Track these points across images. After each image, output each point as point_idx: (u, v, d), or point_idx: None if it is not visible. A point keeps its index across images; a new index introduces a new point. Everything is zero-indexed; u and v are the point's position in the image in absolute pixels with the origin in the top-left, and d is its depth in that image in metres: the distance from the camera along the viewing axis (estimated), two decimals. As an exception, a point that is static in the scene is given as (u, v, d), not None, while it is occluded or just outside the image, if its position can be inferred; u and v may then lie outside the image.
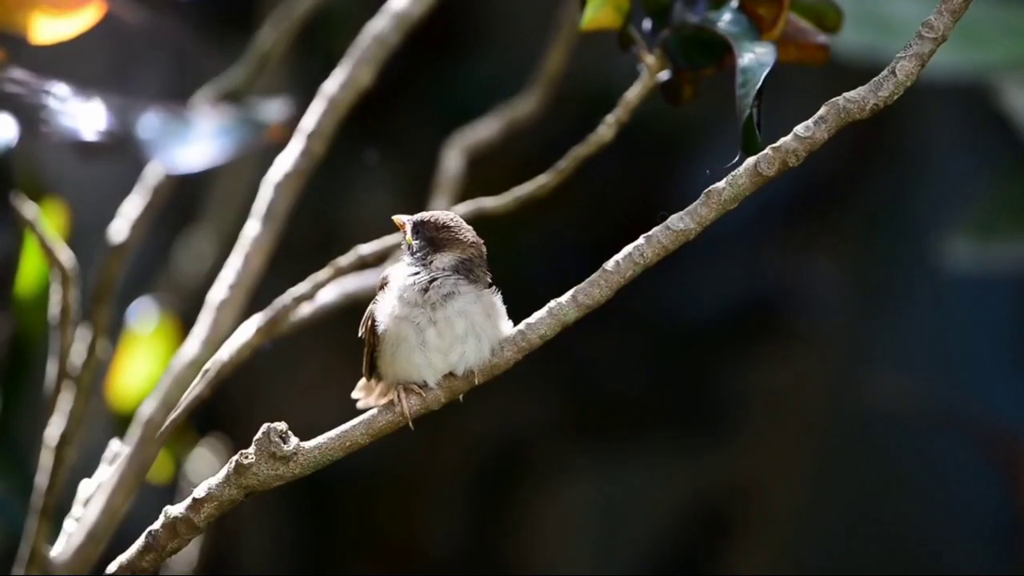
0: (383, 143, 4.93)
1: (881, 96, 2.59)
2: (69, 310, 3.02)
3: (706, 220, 2.61)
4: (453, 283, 2.67)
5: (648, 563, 4.97)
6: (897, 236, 5.01)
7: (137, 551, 2.66)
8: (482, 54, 4.97)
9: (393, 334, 2.67)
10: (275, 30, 3.48)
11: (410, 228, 2.73)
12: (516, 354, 2.66)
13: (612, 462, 4.99)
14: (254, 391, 4.86)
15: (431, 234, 2.70)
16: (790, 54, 2.87)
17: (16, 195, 2.80)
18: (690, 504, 4.96)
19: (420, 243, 2.70)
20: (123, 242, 3.10)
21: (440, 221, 2.72)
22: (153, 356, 3.65)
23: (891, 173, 5.02)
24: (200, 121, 2.75)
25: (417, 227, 2.72)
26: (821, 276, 5.00)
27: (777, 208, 4.99)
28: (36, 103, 2.67)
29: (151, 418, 2.94)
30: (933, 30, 2.60)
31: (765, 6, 2.84)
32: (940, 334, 4.99)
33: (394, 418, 2.66)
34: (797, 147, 2.59)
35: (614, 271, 2.63)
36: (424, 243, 2.70)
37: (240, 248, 3.09)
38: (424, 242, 2.70)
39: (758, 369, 4.98)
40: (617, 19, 2.87)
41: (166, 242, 4.57)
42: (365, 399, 2.81)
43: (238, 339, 3.00)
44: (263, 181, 3.13)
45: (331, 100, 3.16)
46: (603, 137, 2.98)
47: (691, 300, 4.98)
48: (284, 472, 2.63)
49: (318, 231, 4.84)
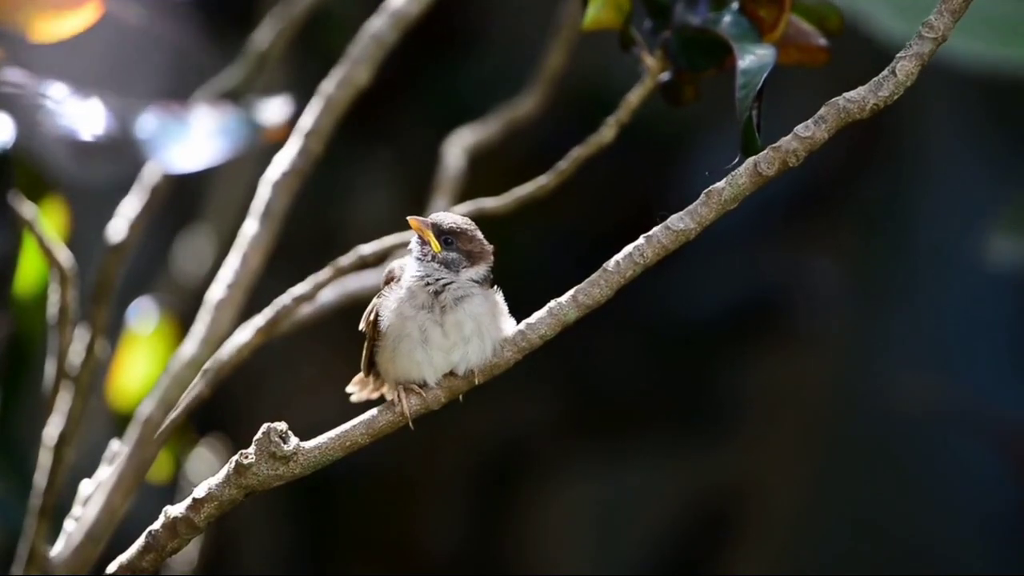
0: (383, 143, 4.93)
1: (881, 96, 2.59)
2: (68, 310, 3.02)
3: (706, 220, 2.61)
4: (468, 287, 2.67)
5: (648, 563, 4.97)
6: (897, 235, 5.01)
7: (137, 551, 2.66)
8: (482, 54, 4.96)
9: (396, 330, 2.66)
10: (273, 30, 3.48)
11: (434, 235, 2.70)
12: (516, 354, 2.66)
13: (612, 462, 4.98)
14: (254, 391, 4.85)
15: (467, 247, 2.69)
16: (791, 56, 2.87)
17: (15, 195, 2.80)
18: (690, 504, 4.96)
19: (455, 256, 2.69)
20: (122, 242, 3.10)
21: (469, 232, 2.70)
22: (152, 356, 3.65)
23: (891, 172, 5.01)
24: (199, 121, 2.75)
25: (447, 238, 2.70)
26: (821, 275, 4.99)
27: (777, 208, 4.98)
28: (35, 103, 2.67)
29: (150, 418, 2.94)
30: (933, 30, 2.60)
31: (766, 8, 2.84)
32: (940, 332, 4.99)
33: (394, 418, 2.66)
34: (797, 147, 2.59)
35: (614, 271, 2.63)
36: (460, 256, 2.69)
37: (239, 247, 3.09)
38: (461, 255, 2.69)
39: (758, 369, 4.98)
40: (618, 19, 2.87)
41: (165, 242, 4.56)
42: (359, 393, 2.80)
43: (238, 339, 3.00)
44: (261, 180, 3.13)
45: (329, 99, 3.16)
46: (604, 138, 2.98)
47: (691, 300, 4.98)
48: (284, 472, 2.63)
49: (318, 231, 4.84)
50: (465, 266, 2.69)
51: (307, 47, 4.52)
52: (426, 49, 4.81)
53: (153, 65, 4.73)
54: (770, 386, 4.99)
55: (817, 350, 5.00)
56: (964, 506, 4.93)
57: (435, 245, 2.70)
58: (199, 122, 2.75)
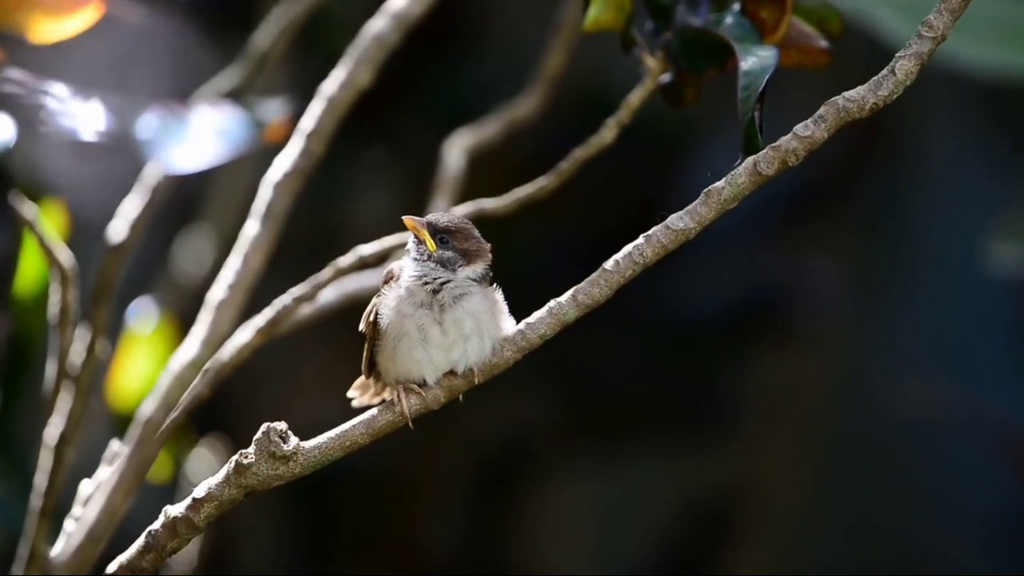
0: (383, 143, 4.93)
1: (880, 95, 2.59)
2: (68, 310, 3.02)
3: (705, 219, 2.61)
4: (467, 286, 2.67)
5: (648, 563, 4.97)
6: (897, 236, 5.01)
7: (137, 551, 2.66)
8: (482, 54, 4.96)
9: (396, 329, 2.66)
10: (274, 30, 3.48)
11: (429, 234, 2.70)
12: (516, 353, 2.66)
13: (612, 462, 4.99)
14: (254, 391, 4.85)
15: (463, 246, 2.69)
16: (792, 58, 2.87)
17: (15, 195, 2.80)
18: (690, 504, 4.96)
19: (452, 255, 2.69)
20: (122, 242, 3.10)
21: (464, 230, 2.70)
22: (153, 356, 3.65)
23: (891, 172, 5.02)
24: (199, 121, 2.75)
25: (443, 236, 2.70)
26: (821, 275, 4.99)
27: (777, 208, 4.98)
28: (35, 103, 2.67)
29: (151, 418, 2.95)
30: (933, 29, 2.60)
31: (768, 10, 2.84)
32: (940, 332, 4.99)
33: (394, 418, 2.66)
34: (796, 146, 2.59)
35: (613, 270, 2.63)
36: (456, 255, 2.69)
37: (239, 248, 3.09)
38: (457, 254, 2.69)
39: (758, 369, 4.98)
40: (620, 20, 2.87)
41: (166, 242, 4.56)
42: (360, 398, 2.81)
43: (238, 339, 3.00)
44: (262, 181, 3.13)
45: (330, 100, 3.16)
46: (604, 139, 2.98)
47: (691, 300, 4.98)
48: (284, 472, 2.63)
49: (318, 231, 4.84)
50: (462, 264, 2.69)
51: (307, 47, 4.52)
52: (426, 49, 4.81)
53: (153, 65, 4.73)
54: (770, 386, 4.99)
55: (817, 350, 5.01)
56: (963, 507, 4.93)
57: (431, 244, 2.70)
58: (199, 122, 2.75)
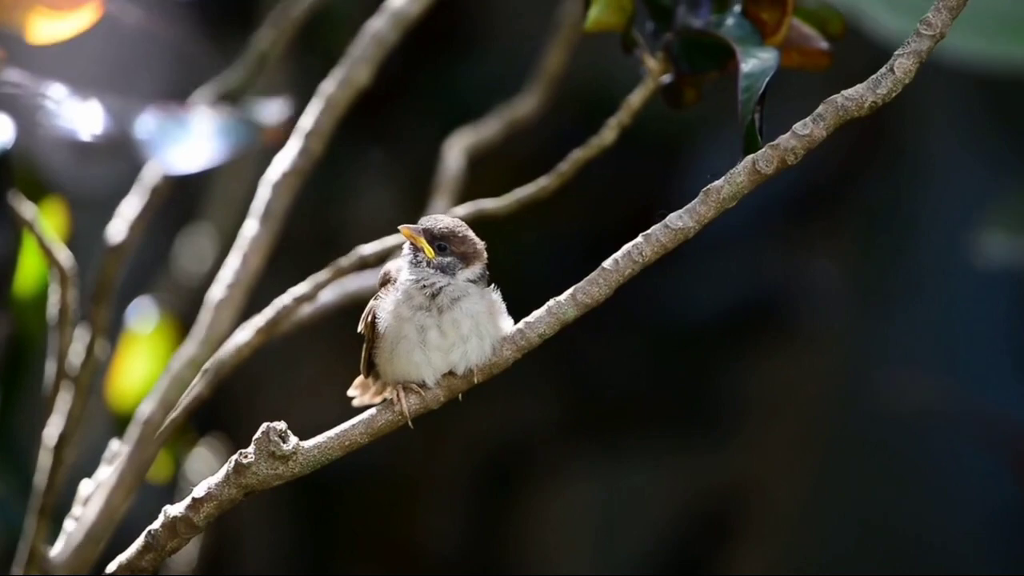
0: (383, 143, 4.93)
1: (879, 94, 2.59)
2: (68, 310, 3.01)
3: (705, 218, 2.61)
4: (464, 288, 2.67)
5: (648, 563, 4.97)
6: (898, 235, 5.01)
7: (137, 551, 2.66)
8: (482, 54, 4.97)
9: (394, 332, 2.66)
10: (274, 30, 3.48)
11: (427, 241, 2.70)
12: (515, 353, 2.66)
13: (612, 462, 4.99)
14: (254, 391, 4.86)
15: (461, 249, 2.69)
16: (793, 59, 2.87)
17: (14, 195, 2.80)
18: (690, 504, 4.96)
19: (450, 260, 2.69)
20: (122, 242, 3.09)
21: (460, 233, 2.70)
22: (152, 356, 3.65)
23: (891, 172, 5.02)
24: (199, 121, 2.75)
25: (439, 243, 2.70)
26: (821, 276, 4.99)
27: (777, 208, 4.98)
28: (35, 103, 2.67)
29: (150, 418, 2.94)
30: (931, 27, 2.60)
31: (768, 11, 2.84)
32: (940, 332, 4.99)
33: (393, 417, 2.66)
34: (795, 145, 2.59)
35: (613, 270, 2.63)
36: (455, 259, 2.69)
37: (239, 248, 3.09)
38: (455, 259, 2.69)
39: (758, 369, 4.98)
40: (621, 21, 2.87)
41: (165, 242, 4.56)
42: (361, 397, 2.81)
43: (238, 339, 3.00)
44: (262, 181, 3.13)
45: (329, 99, 3.16)
46: (604, 140, 2.98)
47: (691, 300, 4.98)
48: (284, 472, 2.63)
49: (318, 231, 4.84)
50: (461, 268, 2.69)
51: (307, 47, 4.52)
52: (426, 49, 4.81)
53: (153, 65, 4.73)
54: (770, 386, 4.99)
55: (817, 350, 5.01)
56: (963, 506, 4.93)
57: (429, 252, 2.70)
58: (199, 123, 2.75)
